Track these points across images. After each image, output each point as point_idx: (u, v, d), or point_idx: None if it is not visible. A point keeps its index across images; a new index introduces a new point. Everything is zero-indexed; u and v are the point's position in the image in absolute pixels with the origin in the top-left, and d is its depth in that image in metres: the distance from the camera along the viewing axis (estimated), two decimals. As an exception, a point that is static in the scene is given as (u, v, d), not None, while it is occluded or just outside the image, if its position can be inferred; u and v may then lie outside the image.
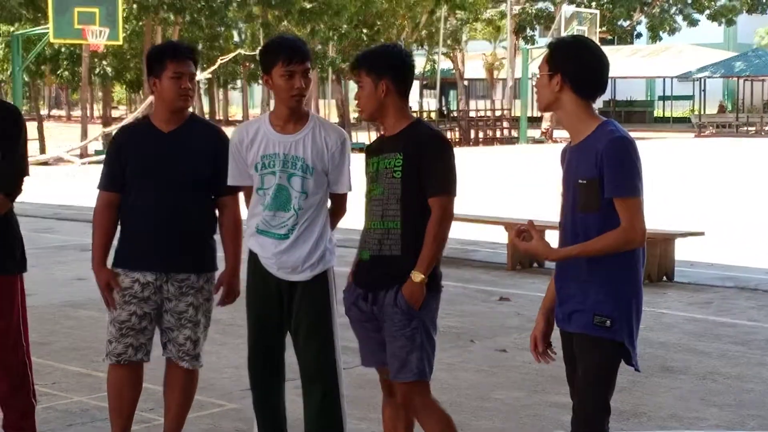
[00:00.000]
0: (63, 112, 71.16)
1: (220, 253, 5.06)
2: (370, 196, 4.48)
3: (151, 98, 5.75)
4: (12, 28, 32.81)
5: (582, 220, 3.86)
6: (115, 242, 5.03)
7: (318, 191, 4.75)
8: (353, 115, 52.04)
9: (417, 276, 4.32)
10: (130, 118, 30.13)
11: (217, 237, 5.09)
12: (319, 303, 4.79)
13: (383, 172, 4.43)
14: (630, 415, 6.03)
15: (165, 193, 4.91)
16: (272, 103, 5.02)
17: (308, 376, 4.83)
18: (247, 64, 46.86)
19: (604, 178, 3.78)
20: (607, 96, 61.95)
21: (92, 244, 5.02)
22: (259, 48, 5.96)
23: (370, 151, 4.60)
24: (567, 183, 3.96)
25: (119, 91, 67.76)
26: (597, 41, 45.55)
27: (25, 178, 5.15)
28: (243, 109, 59.82)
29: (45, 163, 29.72)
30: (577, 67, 3.87)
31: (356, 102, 4.50)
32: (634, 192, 3.79)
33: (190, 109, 5.14)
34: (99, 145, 33.26)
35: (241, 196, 5.01)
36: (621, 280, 3.87)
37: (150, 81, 5.00)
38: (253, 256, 4.83)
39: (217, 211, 5.08)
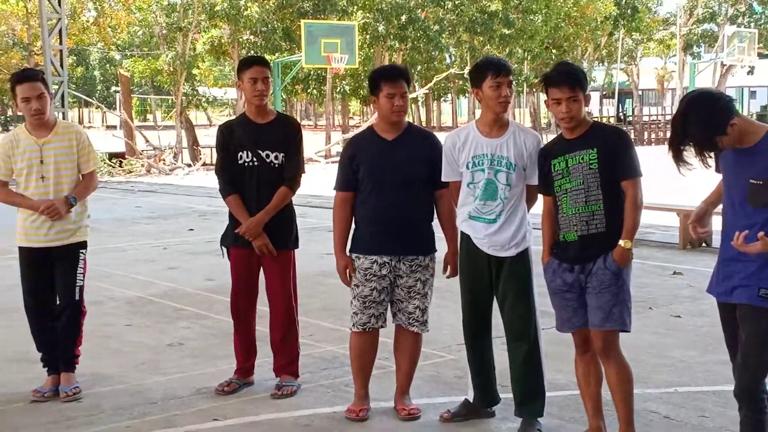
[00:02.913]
0: (311, 122, 73.06)
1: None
2: (564, 189, 4.38)
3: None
4: (273, 57, 33.94)
5: (756, 213, 3.75)
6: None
7: (519, 184, 4.72)
8: (543, 120, 51.35)
9: (626, 243, 4.30)
10: (363, 127, 30.67)
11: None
12: (522, 275, 4.77)
13: (577, 167, 4.35)
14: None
15: (393, 190, 4.88)
16: (477, 112, 5.00)
17: (514, 334, 4.81)
18: (457, 81, 46.90)
19: None
20: (765, 101, 59.01)
21: (333, 235, 5.03)
22: (468, 67, 5.94)
23: (550, 153, 4.49)
24: (730, 180, 3.85)
25: (355, 105, 69.05)
26: (755, 56, 43.21)
27: (303, 175, 5.40)
28: (452, 118, 60.06)
29: (299, 162, 30.49)
30: (728, 107, 3.71)
31: (567, 112, 4.33)
32: None
33: (407, 119, 5.10)
34: (339, 148, 34.00)
35: None
36: None
37: (371, 99, 5.02)
38: (465, 237, 4.82)
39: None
